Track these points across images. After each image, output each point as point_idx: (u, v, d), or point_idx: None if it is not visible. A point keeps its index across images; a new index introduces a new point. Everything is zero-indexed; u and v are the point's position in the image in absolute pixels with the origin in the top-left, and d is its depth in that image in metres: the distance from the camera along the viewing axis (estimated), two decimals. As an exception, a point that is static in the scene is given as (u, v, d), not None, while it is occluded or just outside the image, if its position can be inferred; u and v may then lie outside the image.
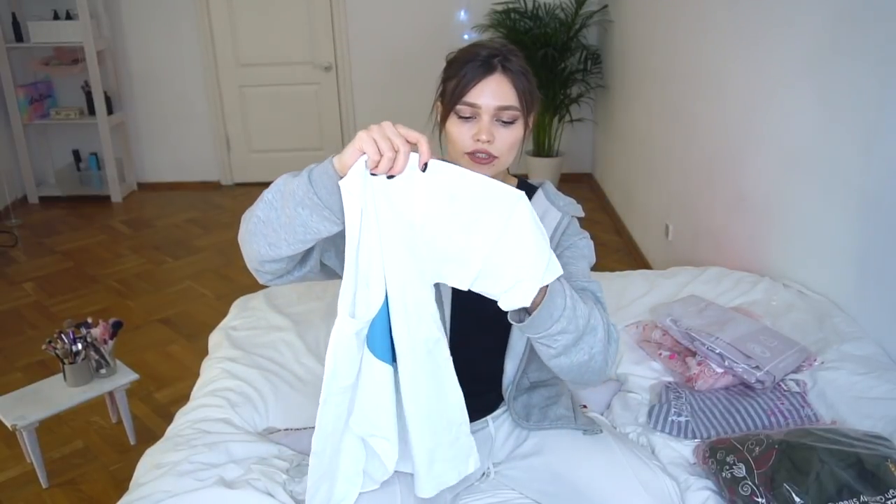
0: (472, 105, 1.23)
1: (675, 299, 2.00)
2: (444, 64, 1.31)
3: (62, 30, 4.53)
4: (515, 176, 1.43)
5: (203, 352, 2.00)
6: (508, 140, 1.25)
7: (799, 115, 2.10)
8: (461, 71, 1.24)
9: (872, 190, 1.77)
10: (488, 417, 1.45)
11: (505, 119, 1.24)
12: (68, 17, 4.62)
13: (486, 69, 1.23)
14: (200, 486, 1.35)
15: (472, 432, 1.41)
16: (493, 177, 1.23)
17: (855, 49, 1.81)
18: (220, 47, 4.87)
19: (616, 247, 3.94)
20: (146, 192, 5.13)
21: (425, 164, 1.03)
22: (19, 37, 4.57)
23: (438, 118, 1.31)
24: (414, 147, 1.02)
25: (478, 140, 1.23)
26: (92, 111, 4.72)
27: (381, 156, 0.99)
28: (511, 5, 4.55)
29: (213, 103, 4.98)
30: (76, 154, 4.94)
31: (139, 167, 5.16)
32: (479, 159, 1.25)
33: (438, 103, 1.31)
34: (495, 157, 1.25)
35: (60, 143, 5.03)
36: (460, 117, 1.25)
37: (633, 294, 2.15)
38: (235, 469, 1.41)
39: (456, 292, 1.31)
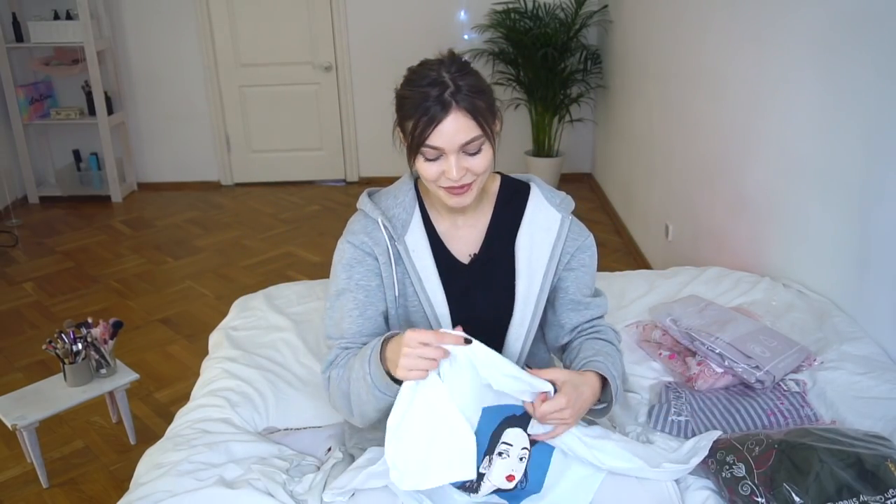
0: (435, 148, 1.22)
1: (675, 299, 2.00)
2: None
3: (62, 30, 4.53)
4: (499, 173, 1.44)
5: (203, 352, 2.00)
6: (480, 166, 1.25)
7: (799, 115, 2.10)
8: (416, 113, 1.21)
9: (873, 190, 1.77)
10: None
11: (471, 151, 1.24)
12: (68, 17, 4.62)
13: (442, 108, 1.20)
14: (200, 486, 1.35)
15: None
16: (473, 199, 1.29)
17: (856, 49, 1.82)
18: (220, 47, 4.88)
19: (616, 247, 3.95)
20: (146, 192, 5.13)
21: (466, 340, 1.15)
22: (19, 37, 4.57)
23: (402, 145, 1.29)
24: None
25: (448, 178, 1.24)
26: (92, 111, 4.72)
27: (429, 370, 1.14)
28: (511, 5, 4.56)
29: (213, 103, 4.98)
30: (76, 154, 4.94)
31: (139, 167, 5.16)
32: (454, 192, 1.26)
33: (399, 132, 1.29)
34: (470, 184, 1.26)
35: (61, 143, 5.03)
36: (427, 159, 1.25)
37: (633, 294, 2.15)
38: (235, 469, 1.41)
39: (454, 304, 1.34)
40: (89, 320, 2.28)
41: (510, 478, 1.25)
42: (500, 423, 1.24)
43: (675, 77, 3.14)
